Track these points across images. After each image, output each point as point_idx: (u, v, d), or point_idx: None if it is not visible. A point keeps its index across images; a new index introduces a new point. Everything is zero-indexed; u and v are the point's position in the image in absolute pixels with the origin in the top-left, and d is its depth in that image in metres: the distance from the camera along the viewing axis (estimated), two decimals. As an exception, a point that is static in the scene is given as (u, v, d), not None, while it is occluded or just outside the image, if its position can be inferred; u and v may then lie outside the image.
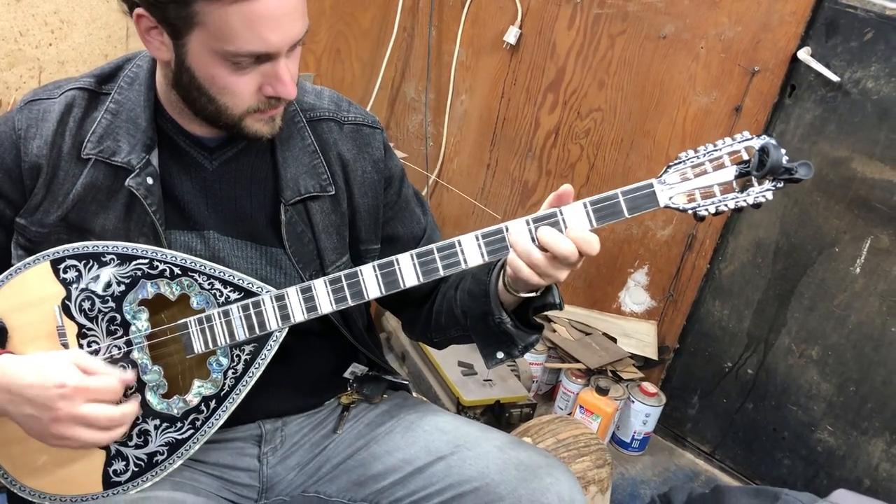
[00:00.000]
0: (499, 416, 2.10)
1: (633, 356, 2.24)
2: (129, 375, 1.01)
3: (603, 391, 2.09)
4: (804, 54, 1.83)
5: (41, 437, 0.96)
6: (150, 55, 1.09)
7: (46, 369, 0.94)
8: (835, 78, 1.80)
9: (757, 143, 0.91)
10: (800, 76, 1.88)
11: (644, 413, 2.13)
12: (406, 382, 1.30)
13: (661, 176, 0.94)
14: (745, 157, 0.92)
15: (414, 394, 1.34)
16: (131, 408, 1.00)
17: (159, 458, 1.04)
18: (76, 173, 1.06)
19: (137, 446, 1.03)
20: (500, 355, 1.08)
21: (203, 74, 0.97)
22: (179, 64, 0.98)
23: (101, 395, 0.96)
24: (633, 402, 2.13)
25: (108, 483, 1.04)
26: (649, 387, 2.14)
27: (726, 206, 0.93)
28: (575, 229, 0.95)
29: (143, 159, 1.05)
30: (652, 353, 2.22)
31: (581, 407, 2.12)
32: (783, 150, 0.89)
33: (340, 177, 1.14)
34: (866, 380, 1.89)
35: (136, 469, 1.03)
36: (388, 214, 1.21)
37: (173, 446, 1.04)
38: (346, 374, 1.23)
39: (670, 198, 0.94)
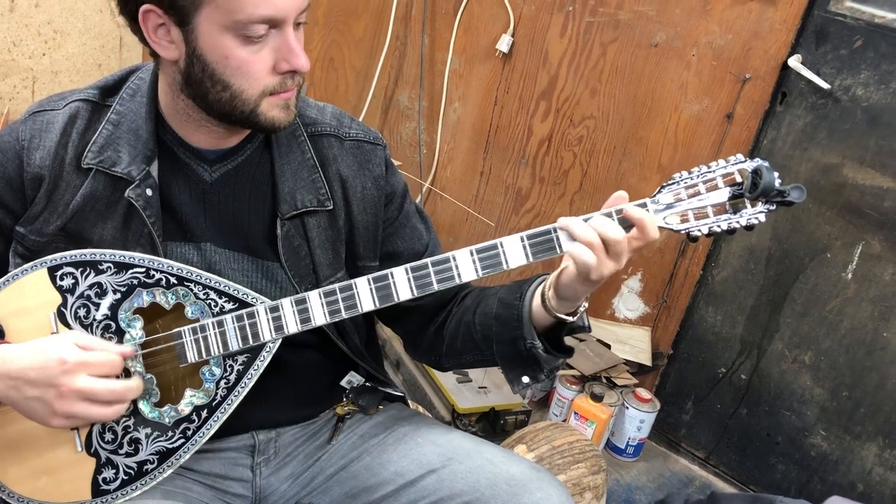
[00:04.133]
0: (494, 423, 2.10)
1: (627, 362, 2.25)
2: (128, 349, 1.02)
3: (597, 397, 2.09)
4: (795, 62, 1.84)
5: (47, 418, 0.96)
6: (152, 69, 1.10)
7: (46, 350, 0.95)
8: (825, 85, 1.82)
9: (750, 165, 0.93)
10: (791, 83, 1.90)
11: (638, 419, 2.13)
12: (402, 394, 1.30)
13: (654, 196, 0.96)
14: (739, 179, 0.94)
15: (411, 404, 1.34)
16: (133, 383, 1.01)
17: (149, 466, 1.04)
18: (77, 184, 1.06)
19: (128, 454, 1.03)
20: (526, 380, 1.08)
21: (216, 57, 0.97)
22: (190, 55, 0.98)
23: (102, 369, 0.97)
24: (627, 408, 2.14)
25: (98, 491, 1.03)
26: (643, 393, 2.15)
27: (719, 227, 0.95)
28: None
29: (144, 171, 1.05)
30: (646, 360, 2.23)
31: (576, 413, 2.12)
32: (776, 173, 0.90)
33: (339, 193, 1.14)
34: (859, 385, 1.90)
35: (125, 477, 1.03)
36: (389, 231, 1.21)
37: (164, 455, 1.03)
38: (343, 383, 1.23)
39: (664, 218, 0.96)
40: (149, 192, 1.05)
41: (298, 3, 0.98)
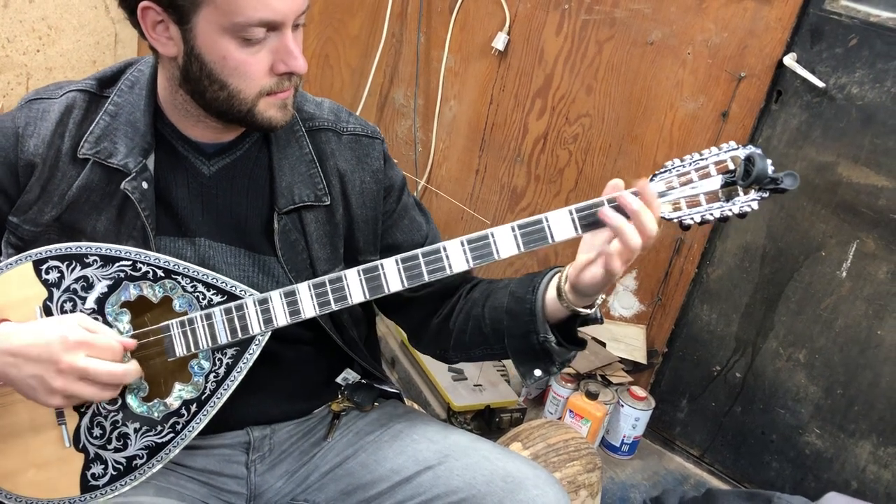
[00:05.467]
0: (489, 421, 2.10)
1: (622, 360, 2.25)
2: (130, 342, 1.01)
3: (592, 395, 2.09)
4: (790, 60, 1.85)
5: (45, 395, 0.96)
6: (151, 61, 1.09)
7: (50, 328, 0.96)
8: (820, 84, 1.82)
9: (742, 152, 0.91)
10: (786, 82, 1.90)
11: (633, 417, 2.13)
12: (398, 392, 1.29)
13: None
14: (731, 166, 0.92)
15: (406, 402, 1.33)
16: (133, 366, 1.00)
17: (138, 461, 1.03)
18: (73, 174, 1.06)
19: (116, 450, 1.03)
20: (538, 373, 1.07)
21: (214, 57, 0.97)
22: (188, 53, 0.98)
23: (102, 351, 0.97)
24: (622, 406, 2.14)
25: (86, 487, 1.03)
26: (638, 391, 2.15)
27: (712, 215, 0.93)
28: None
29: (140, 163, 1.05)
30: (641, 358, 2.23)
31: (571, 411, 2.12)
32: (769, 161, 0.89)
33: (337, 188, 1.14)
34: (853, 383, 1.90)
35: (114, 473, 1.03)
36: (388, 223, 1.20)
37: (153, 450, 1.03)
38: (339, 380, 1.23)
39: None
40: (144, 184, 1.05)
41: (298, 6, 0.98)
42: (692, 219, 0.94)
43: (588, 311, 1.03)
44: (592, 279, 0.97)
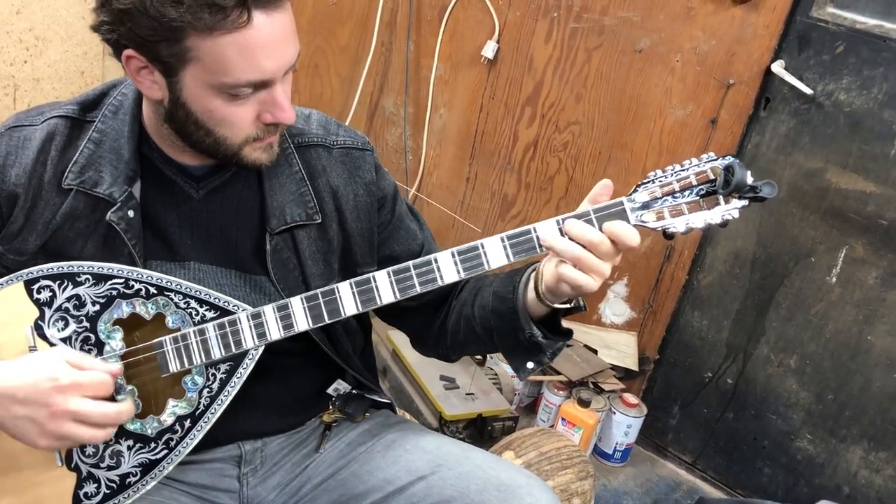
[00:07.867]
0: (481, 429, 2.09)
1: (613, 367, 2.25)
2: (117, 367, 1.00)
3: (584, 403, 2.09)
4: (778, 67, 1.86)
5: (35, 438, 0.94)
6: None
7: (37, 367, 0.93)
8: (808, 90, 1.83)
9: (722, 162, 0.94)
10: (774, 89, 1.91)
11: (626, 424, 2.13)
12: (389, 401, 1.29)
13: (631, 194, 0.97)
14: (712, 176, 0.95)
15: (398, 411, 1.33)
16: (126, 406, 0.99)
17: (132, 479, 1.02)
18: (57, 203, 1.05)
19: (110, 468, 1.02)
20: (531, 365, 1.08)
21: (200, 108, 0.96)
22: (174, 101, 0.97)
23: (95, 389, 0.95)
24: (614, 413, 2.14)
25: None
26: (630, 398, 2.15)
27: (694, 223, 0.95)
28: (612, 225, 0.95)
29: (126, 192, 1.04)
30: (633, 364, 2.23)
31: (563, 419, 2.12)
32: (748, 171, 0.92)
33: (330, 204, 1.14)
34: (844, 388, 1.91)
35: (107, 491, 1.02)
36: (384, 235, 1.20)
37: (147, 467, 1.02)
38: (330, 391, 1.22)
39: (640, 216, 0.96)
40: (130, 213, 1.04)
41: (286, 62, 0.96)
42: (675, 227, 0.96)
43: (567, 305, 1.04)
44: (568, 290, 0.99)
